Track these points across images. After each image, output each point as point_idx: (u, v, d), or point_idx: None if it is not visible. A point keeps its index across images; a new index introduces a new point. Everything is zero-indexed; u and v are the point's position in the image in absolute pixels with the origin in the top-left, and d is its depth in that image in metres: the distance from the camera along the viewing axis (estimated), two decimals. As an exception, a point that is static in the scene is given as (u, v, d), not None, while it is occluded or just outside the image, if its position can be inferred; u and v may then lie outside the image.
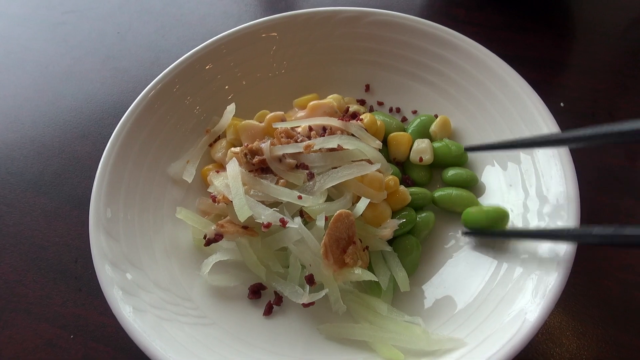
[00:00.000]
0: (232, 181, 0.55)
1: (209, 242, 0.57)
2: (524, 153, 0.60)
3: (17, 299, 0.63)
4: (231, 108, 0.67)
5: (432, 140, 0.67)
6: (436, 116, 0.69)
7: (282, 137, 0.59)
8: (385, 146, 0.66)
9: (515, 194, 0.60)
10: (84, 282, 0.64)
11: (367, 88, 0.74)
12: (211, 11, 0.94)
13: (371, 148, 0.59)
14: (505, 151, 0.62)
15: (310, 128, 0.62)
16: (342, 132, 0.61)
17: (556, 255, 0.50)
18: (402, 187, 0.60)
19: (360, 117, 0.65)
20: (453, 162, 0.65)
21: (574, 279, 0.50)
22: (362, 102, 0.73)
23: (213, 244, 0.57)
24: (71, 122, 0.80)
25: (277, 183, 0.56)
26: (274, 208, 0.54)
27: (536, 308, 0.47)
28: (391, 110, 0.73)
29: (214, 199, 0.58)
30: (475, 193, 0.62)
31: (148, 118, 0.64)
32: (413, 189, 0.62)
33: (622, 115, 0.74)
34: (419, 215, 0.60)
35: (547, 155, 0.57)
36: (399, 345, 0.51)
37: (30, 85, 0.85)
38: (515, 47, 0.83)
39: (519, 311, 0.47)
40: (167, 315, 0.52)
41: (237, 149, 0.60)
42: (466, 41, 0.68)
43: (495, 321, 0.49)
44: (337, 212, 0.53)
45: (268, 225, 0.53)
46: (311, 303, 0.54)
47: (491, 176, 0.64)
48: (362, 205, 0.54)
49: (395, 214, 0.59)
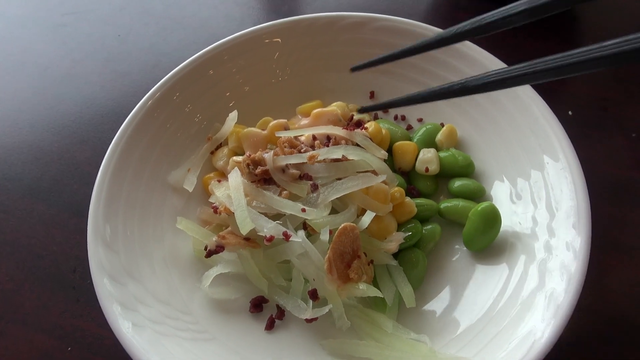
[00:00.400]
0: (234, 192, 0.54)
1: (210, 254, 0.56)
2: (534, 169, 0.59)
3: (14, 309, 0.62)
4: (233, 115, 0.66)
5: (438, 149, 0.65)
6: (442, 125, 0.68)
7: (286, 147, 0.58)
8: (390, 155, 0.65)
9: (523, 207, 0.58)
10: (82, 293, 0.62)
11: (372, 95, 0.73)
12: (213, 14, 0.93)
13: (377, 159, 0.57)
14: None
15: (314, 137, 0.61)
16: (347, 142, 0.60)
17: (567, 271, 0.49)
18: (408, 199, 0.59)
19: (364, 126, 0.64)
20: (460, 173, 0.63)
21: (583, 296, 0.48)
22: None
23: (214, 255, 0.56)
24: (70, 127, 0.78)
25: (280, 194, 0.55)
26: (277, 221, 0.53)
27: (546, 327, 0.45)
28: (396, 118, 0.72)
29: (216, 210, 0.57)
30: (482, 205, 0.61)
31: (147, 127, 0.63)
32: (419, 200, 0.60)
33: (632, 125, 0.73)
34: (425, 227, 0.59)
35: (557, 168, 0.56)
36: (404, 364, 0.49)
37: (28, 88, 0.84)
38: (522, 54, 0.82)
39: (529, 331, 0.46)
40: (167, 330, 0.51)
41: (239, 158, 0.59)
42: (472, 48, 0.67)
43: (504, 341, 0.47)
44: (342, 226, 0.51)
45: (271, 238, 0.51)
46: (314, 318, 0.52)
47: (498, 188, 0.62)
48: (368, 219, 0.53)
49: (400, 227, 0.58)
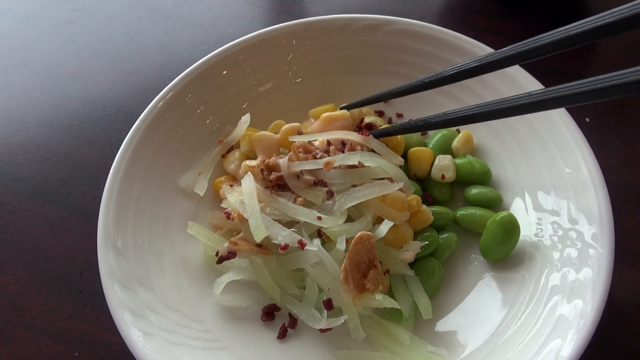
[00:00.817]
0: (248, 198, 0.53)
1: (221, 260, 0.55)
2: (554, 177, 0.58)
3: (20, 313, 0.61)
4: (246, 118, 0.64)
5: (454, 156, 0.64)
6: (458, 131, 0.67)
7: (300, 152, 0.56)
8: (405, 162, 0.64)
9: (542, 217, 0.57)
10: (90, 297, 0.61)
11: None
12: (223, 13, 0.91)
13: (393, 166, 0.56)
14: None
15: (328, 142, 0.60)
16: (362, 148, 0.58)
17: (590, 285, 0.48)
18: (424, 207, 0.57)
19: (378, 130, 0.63)
20: (476, 180, 0.62)
21: (606, 310, 0.47)
22: (381, 114, 0.71)
23: (225, 262, 0.55)
24: (78, 127, 0.77)
25: (295, 201, 0.54)
26: (292, 228, 0.52)
27: (569, 344, 0.44)
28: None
29: (228, 216, 0.56)
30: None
31: (158, 129, 0.61)
32: (434, 208, 0.59)
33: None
34: (441, 235, 0.58)
35: (579, 178, 0.55)
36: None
37: (36, 86, 0.82)
38: (539, 59, 0.80)
39: (552, 348, 0.45)
40: (178, 339, 0.50)
41: (253, 163, 0.58)
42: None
43: (526, 356, 0.46)
44: (358, 234, 0.50)
45: (285, 246, 0.50)
46: (329, 329, 0.51)
47: (516, 197, 0.61)
48: (385, 227, 0.52)
49: (416, 235, 0.57)
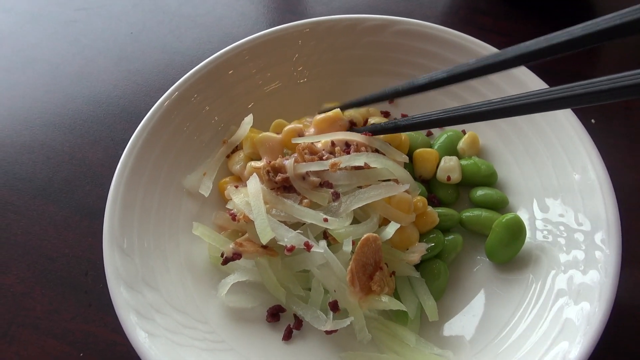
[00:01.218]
0: (254, 199, 0.52)
1: (227, 261, 0.55)
2: (561, 178, 0.57)
3: (25, 313, 0.61)
4: (249, 119, 0.64)
5: (460, 157, 0.64)
6: (464, 132, 0.66)
7: (306, 154, 0.56)
8: (410, 163, 0.63)
9: (549, 219, 0.57)
10: (95, 297, 0.61)
11: (391, 100, 0.71)
12: (228, 12, 0.91)
13: (399, 167, 0.56)
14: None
15: (332, 143, 0.59)
16: (366, 148, 0.58)
17: (597, 285, 0.48)
18: (430, 208, 0.57)
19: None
20: (482, 182, 0.62)
21: (612, 312, 0.47)
22: (387, 114, 0.71)
23: (230, 263, 0.55)
24: (82, 127, 0.77)
25: (301, 202, 0.53)
26: (298, 230, 0.51)
27: (576, 347, 0.44)
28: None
29: (234, 217, 0.55)
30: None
31: (164, 129, 0.61)
32: (440, 210, 0.59)
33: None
34: (446, 237, 0.57)
35: (587, 181, 0.54)
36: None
37: (40, 85, 0.82)
38: (545, 60, 0.80)
39: (558, 351, 0.44)
40: (184, 340, 0.50)
41: (258, 164, 0.58)
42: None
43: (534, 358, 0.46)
44: (365, 236, 0.50)
45: (291, 248, 0.50)
46: (334, 330, 0.51)
47: (522, 199, 0.61)
48: (392, 229, 0.51)
49: (422, 237, 0.56)
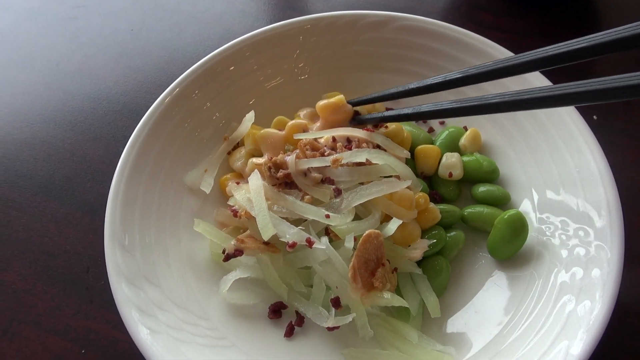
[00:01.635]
0: (255, 196, 0.52)
1: (228, 258, 0.54)
2: (563, 175, 0.57)
3: (26, 309, 0.61)
4: (250, 116, 0.64)
5: (462, 154, 0.64)
6: (465, 128, 0.66)
7: (307, 150, 0.56)
8: (412, 159, 0.63)
9: (551, 215, 0.57)
10: (96, 294, 0.61)
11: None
12: (227, 9, 0.91)
13: (401, 164, 0.56)
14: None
15: (333, 139, 0.59)
16: (367, 144, 0.58)
17: (600, 281, 0.48)
18: (432, 205, 0.57)
19: (385, 124, 0.62)
20: (484, 178, 0.62)
21: (614, 309, 0.47)
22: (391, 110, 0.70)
23: (232, 259, 0.55)
24: (83, 123, 0.77)
25: (302, 199, 0.53)
26: (299, 226, 0.51)
27: (579, 343, 0.44)
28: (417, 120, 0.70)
29: (235, 213, 0.55)
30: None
31: (164, 126, 0.61)
32: (442, 206, 0.59)
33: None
34: (448, 234, 0.57)
35: (589, 177, 0.54)
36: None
37: (40, 83, 0.82)
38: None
39: (561, 347, 0.44)
40: (185, 336, 0.50)
41: (260, 160, 0.58)
42: (498, 50, 0.65)
43: (535, 356, 0.46)
44: (366, 233, 0.50)
45: (293, 245, 0.50)
46: (336, 327, 0.51)
47: (524, 195, 0.60)
48: (394, 226, 0.51)
49: (423, 233, 0.56)
